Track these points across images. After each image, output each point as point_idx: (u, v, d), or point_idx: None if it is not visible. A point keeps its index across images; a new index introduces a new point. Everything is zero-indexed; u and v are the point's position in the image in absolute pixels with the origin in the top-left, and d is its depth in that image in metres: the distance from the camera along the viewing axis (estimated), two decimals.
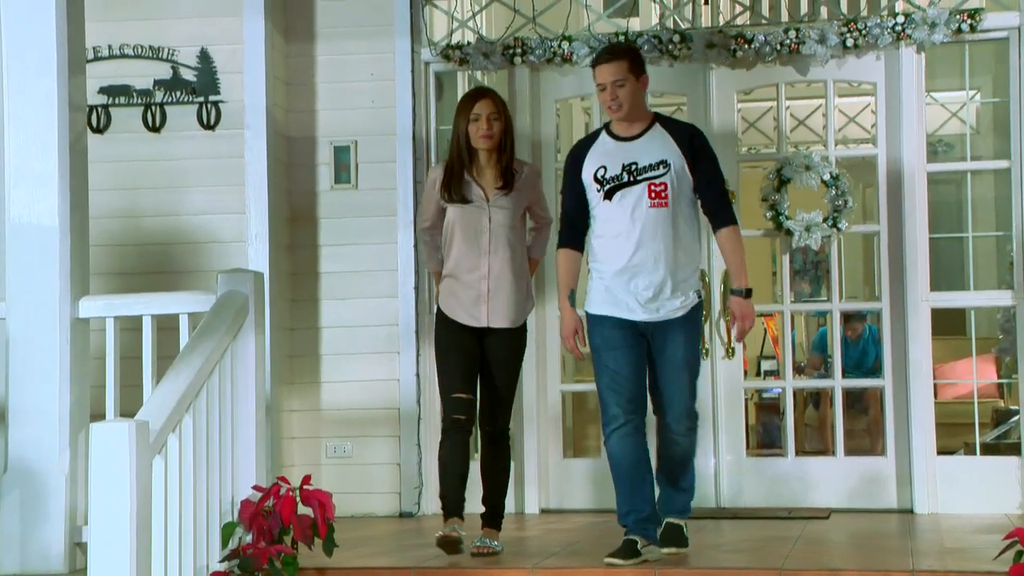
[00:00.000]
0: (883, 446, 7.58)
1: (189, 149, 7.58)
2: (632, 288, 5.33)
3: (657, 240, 5.30)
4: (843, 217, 7.55)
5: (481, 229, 5.78)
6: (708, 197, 5.40)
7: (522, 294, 5.85)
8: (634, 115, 5.36)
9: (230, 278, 5.59)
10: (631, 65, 5.34)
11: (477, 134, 5.74)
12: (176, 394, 4.96)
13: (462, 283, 5.81)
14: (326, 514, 5.30)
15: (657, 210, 5.31)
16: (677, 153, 5.34)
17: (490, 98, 5.78)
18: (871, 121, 9.38)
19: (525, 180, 5.85)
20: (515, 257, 5.82)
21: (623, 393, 5.34)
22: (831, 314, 7.92)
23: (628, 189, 5.32)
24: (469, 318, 5.80)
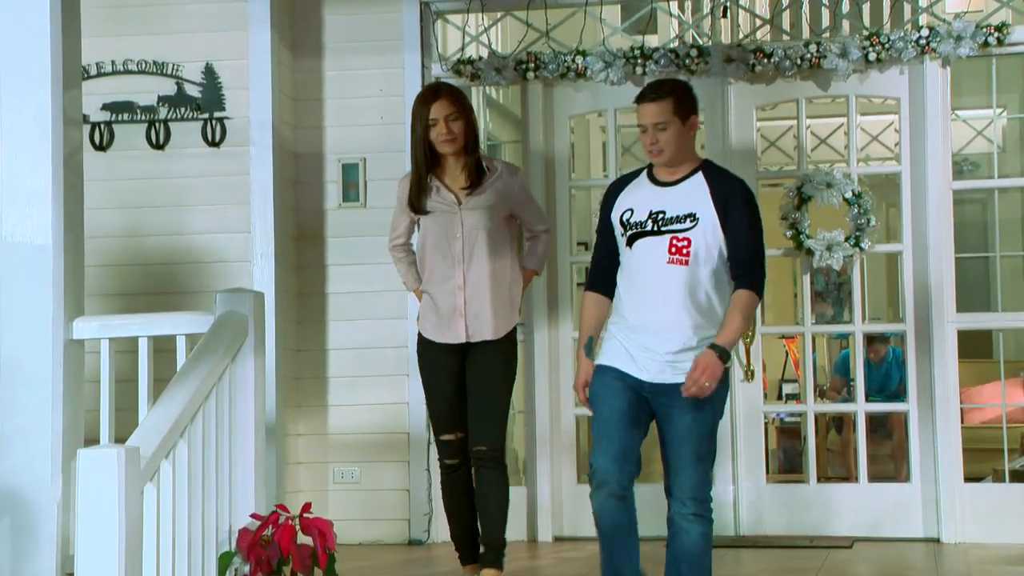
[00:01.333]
0: (908, 472, 7.39)
1: (194, 167, 7.44)
2: (640, 348, 4.69)
3: (669, 302, 4.63)
4: (866, 236, 7.35)
5: (453, 235, 5.36)
6: (735, 258, 4.65)
7: (505, 305, 5.39)
8: (678, 160, 4.72)
9: (229, 298, 5.40)
10: (676, 106, 4.68)
11: (439, 139, 5.38)
12: (170, 419, 4.77)
13: (437, 297, 5.41)
14: (327, 544, 5.10)
15: (675, 268, 4.63)
16: (709, 207, 4.64)
17: (445, 98, 5.36)
18: (894, 140, 9.19)
19: (501, 179, 5.40)
20: (496, 264, 5.36)
21: (608, 447, 4.62)
22: (854, 336, 7.71)
23: (650, 239, 4.68)
24: (447, 335, 5.39)
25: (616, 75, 7.47)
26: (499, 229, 5.35)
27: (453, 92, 5.37)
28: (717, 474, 7.35)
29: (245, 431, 5.32)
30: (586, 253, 7.77)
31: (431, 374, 5.42)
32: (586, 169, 9.82)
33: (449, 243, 5.33)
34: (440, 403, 5.39)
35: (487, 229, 5.32)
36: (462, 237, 5.31)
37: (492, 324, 5.35)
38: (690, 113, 4.73)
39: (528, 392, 7.57)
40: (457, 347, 5.37)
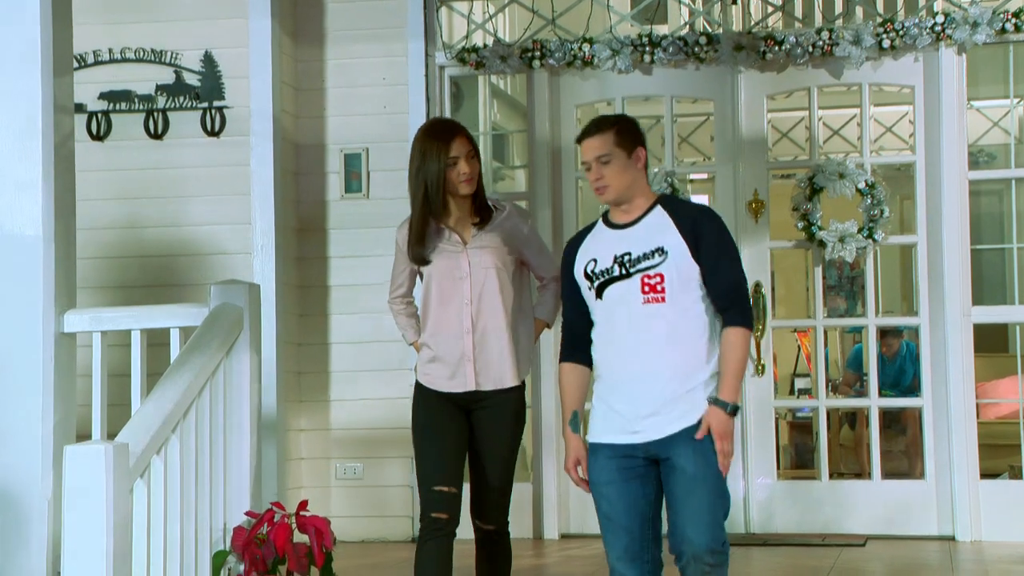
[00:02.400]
0: (922, 469, 7.27)
1: (193, 157, 7.31)
2: (627, 403, 4.20)
3: (651, 346, 4.19)
4: (879, 227, 7.21)
5: (460, 275, 4.76)
6: (716, 290, 4.21)
7: (518, 351, 4.78)
8: (628, 197, 4.29)
9: (224, 290, 5.27)
10: (618, 137, 4.27)
11: (459, 179, 4.72)
12: (161, 414, 4.64)
13: (442, 343, 4.78)
14: (323, 542, 4.96)
15: (653, 307, 4.20)
16: (676, 237, 4.22)
17: (463, 134, 4.78)
18: (908, 131, 9.04)
19: (510, 220, 4.84)
20: (506, 306, 4.76)
21: (616, 546, 4.20)
22: (867, 329, 7.57)
23: (620, 284, 4.24)
24: (452, 383, 4.75)
25: (624, 63, 7.32)
26: (510, 271, 4.82)
27: (466, 130, 4.85)
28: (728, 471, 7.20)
29: (240, 427, 5.19)
30: None
31: (430, 418, 4.79)
32: None
33: (455, 284, 4.77)
34: (433, 455, 4.74)
35: (496, 269, 4.77)
36: (470, 277, 4.76)
37: (502, 373, 4.75)
38: (635, 145, 4.29)
39: (535, 388, 7.44)
40: (462, 398, 4.76)
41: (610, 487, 4.19)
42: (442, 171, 4.70)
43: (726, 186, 7.43)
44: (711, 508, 4.09)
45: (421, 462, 4.78)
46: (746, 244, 7.33)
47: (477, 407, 4.76)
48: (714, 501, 4.10)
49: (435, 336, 4.81)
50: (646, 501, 4.18)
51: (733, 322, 4.18)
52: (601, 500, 4.22)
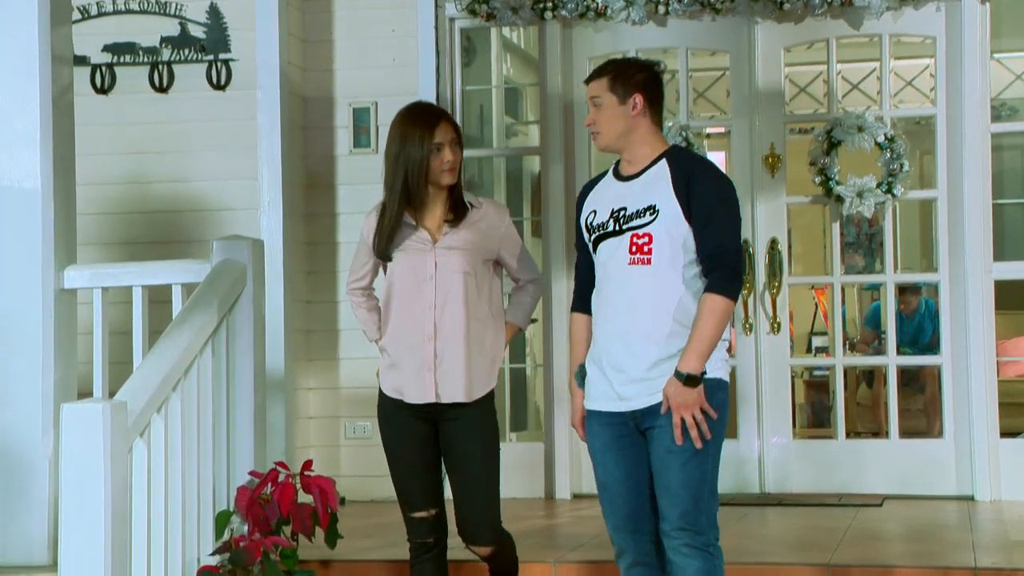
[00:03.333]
0: (941, 428, 7.15)
1: (198, 111, 7.19)
2: (614, 369, 4.02)
3: (635, 310, 3.96)
4: (898, 182, 7.07)
5: (425, 277, 4.42)
6: (702, 252, 3.95)
7: (483, 362, 4.46)
8: (623, 146, 4.06)
9: (226, 245, 5.17)
10: (612, 82, 4.03)
11: (441, 167, 4.41)
12: (161, 372, 4.55)
13: (402, 349, 4.47)
14: (328, 502, 4.88)
15: (637, 268, 3.97)
16: (670, 195, 3.97)
17: (448, 120, 4.48)
18: (929, 85, 8.86)
19: (486, 218, 4.50)
20: (474, 314, 4.43)
21: (613, 516, 4.05)
22: (885, 286, 7.43)
23: (612, 240, 4.04)
24: (413, 393, 4.44)
25: (637, 14, 7.16)
26: (480, 274, 4.47)
27: (450, 115, 4.58)
28: (742, 430, 7.12)
29: (243, 385, 5.10)
30: None
31: (396, 444, 4.54)
32: None
33: (419, 286, 4.43)
34: (408, 480, 4.52)
35: (465, 272, 4.43)
36: (435, 280, 4.42)
37: (465, 384, 4.42)
38: (631, 92, 4.01)
39: (547, 345, 7.34)
40: (425, 411, 4.47)
41: (606, 454, 4.03)
42: (425, 158, 4.38)
43: (742, 140, 7.29)
44: (684, 484, 3.88)
45: (396, 485, 4.57)
46: (762, 199, 7.21)
47: (443, 420, 4.47)
48: (688, 477, 3.88)
49: (395, 342, 4.50)
50: (643, 470, 3.99)
51: (711, 287, 3.91)
52: (598, 467, 4.06)
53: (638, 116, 4.04)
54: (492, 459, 4.49)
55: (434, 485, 4.53)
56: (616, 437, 4.01)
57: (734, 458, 7.03)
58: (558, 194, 7.32)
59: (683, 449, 3.88)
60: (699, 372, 3.87)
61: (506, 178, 8.48)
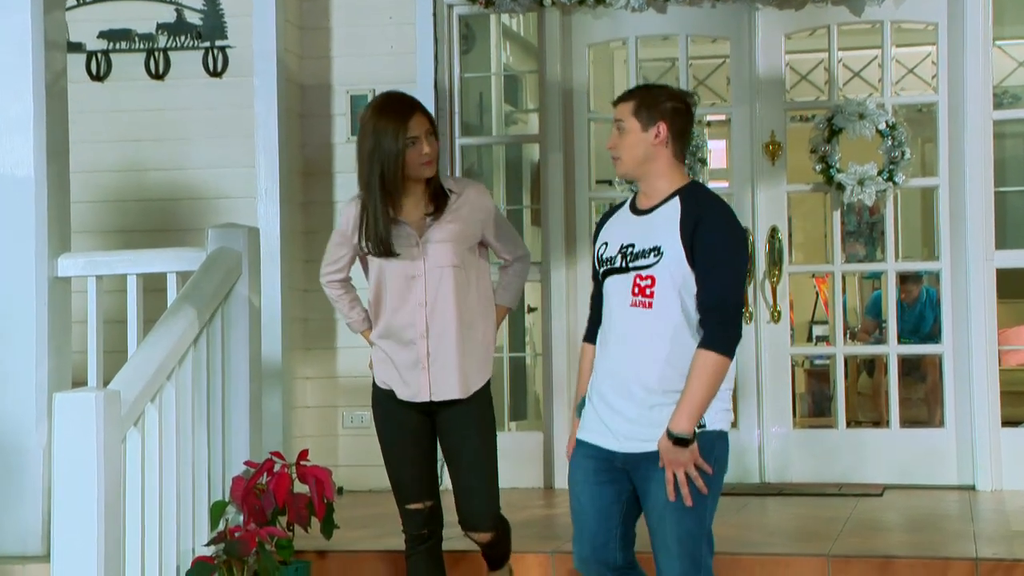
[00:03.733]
0: (942, 417, 7.11)
1: (195, 98, 7.15)
2: (607, 407, 3.87)
3: (632, 351, 3.82)
4: (900, 170, 7.02)
5: (415, 274, 4.34)
6: (700, 303, 3.78)
7: (477, 356, 4.40)
8: (641, 176, 3.90)
9: (221, 234, 5.13)
10: (637, 107, 3.88)
11: (418, 160, 4.27)
12: (155, 361, 4.51)
13: (396, 348, 4.40)
14: (324, 493, 4.84)
15: (638, 311, 3.82)
16: (675, 237, 3.80)
17: (422, 111, 4.34)
18: (931, 72, 8.81)
19: (468, 203, 4.40)
20: (465, 307, 4.37)
21: (584, 546, 3.90)
22: (886, 275, 7.39)
23: (618, 278, 3.90)
24: (407, 391, 4.40)
25: (637, 1, 7.10)
26: (468, 263, 4.40)
27: (423, 105, 4.40)
28: (742, 419, 7.08)
29: (239, 374, 5.07)
30: (608, 191, 7.47)
31: (390, 434, 4.49)
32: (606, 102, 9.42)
33: (409, 284, 4.34)
34: (400, 470, 4.47)
35: (453, 266, 4.35)
36: (424, 276, 4.33)
37: (460, 381, 4.36)
38: (656, 119, 3.86)
39: (545, 333, 7.30)
40: (420, 403, 4.42)
41: (582, 487, 3.88)
42: (401, 153, 4.23)
43: (742, 128, 7.24)
44: (681, 540, 3.75)
45: (391, 477, 4.51)
46: (762, 187, 7.16)
47: (439, 412, 4.41)
48: (685, 533, 3.75)
49: (387, 340, 4.44)
50: (618, 507, 3.86)
51: (706, 343, 3.73)
52: (573, 498, 3.93)
53: (659, 146, 3.87)
54: (490, 446, 4.43)
55: (428, 477, 4.48)
56: (598, 471, 3.86)
57: (734, 448, 6.79)
58: (557, 182, 7.27)
59: (679, 504, 3.74)
60: (689, 433, 3.71)
61: (505, 166, 8.44)
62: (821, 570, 4.77)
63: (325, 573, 5.09)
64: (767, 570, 4.83)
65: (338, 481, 7.16)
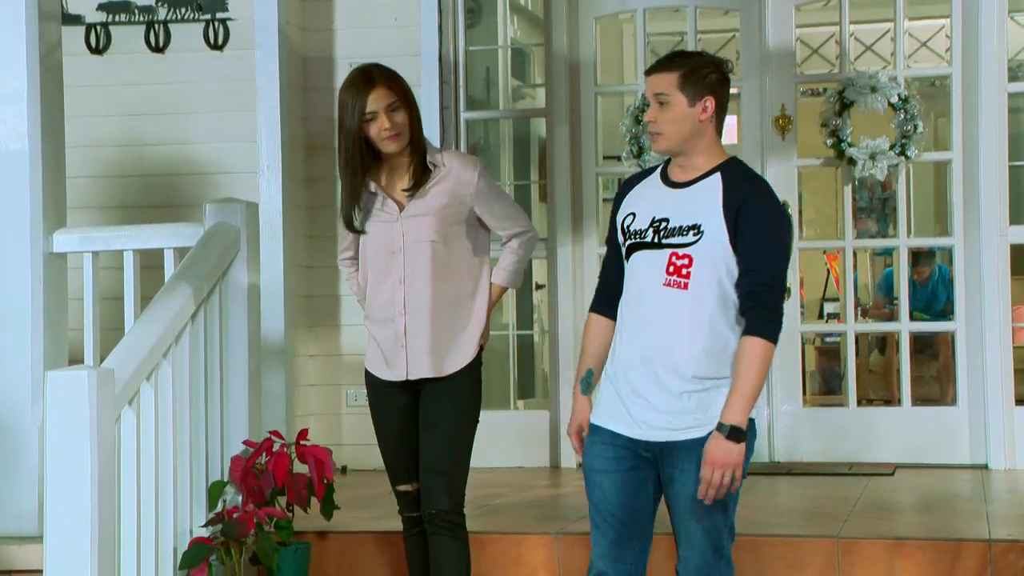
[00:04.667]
0: (954, 395, 7.01)
1: (195, 71, 7.03)
2: (633, 393, 3.67)
3: (665, 334, 3.61)
4: (912, 144, 6.90)
5: (393, 249, 4.27)
6: (743, 287, 3.58)
7: (454, 335, 4.29)
8: (684, 151, 3.67)
9: (219, 209, 5.04)
10: (683, 79, 3.61)
11: (380, 136, 4.20)
12: (150, 338, 4.42)
13: (377, 326, 4.34)
14: (324, 473, 4.75)
15: (673, 292, 3.61)
16: (718, 217, 3.60)
17: (381, 84, 4.21)
18: (945, 46, 8.68)
19: (452, 176, 4.27)
20: (444, 284, 4.26)
21: (606, 533, 3.70)
22: (898, 251, 7.28)
23: (648, 253, 3.67)
24: (388, 371, 4.33)
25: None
26: (452, 239, 4.28)
27: (391, 76, 4.25)
28: None
29: (238, 352, 4.98)
30: (616, 165, 7.36)
31: (379, 416, 4.44)
32: (614, 76, 9.31)
33: (388, 259, 4.28)
34: (391, 451, 4.41)
35: (431, 241, 4.24)
36: (403, 251, 4.26)
37: (434, 359, 4.27)
38: (703, 93, 3.61)
39: (552, 310, 7.21)
40: (405, 385, 4.34)
41: (605, 476, 3.66)
42: (357, 128, 4.19)
43: (752, 101, 7.12)
44: (707, 533, 3.60)
45: (383, 458, 4.47)
46: (772, 162, 7.05)
47: (422, 390, 4.33)
48: (711, 525, 3.60)
49: (370, 318, 4.38)
50: (644, 497, 3.68)
51: (752, 330, 3.54)
52: (594, 488, 3.70)
53: (707, 122, 3.63)
54: (464, 426, 4.31)
55: (417, 458, 4.37)
56: (619, 459, 3.66)
57: None
58: (563, 157, 7.16)
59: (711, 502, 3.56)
60: (745, 424, 3.52)
61: (513, 141, 8.34)
62: (831, 551, 4.68)
63: (325, 554, 5.01)
64: (776, 551, 4.74)
65: (342, 460, 7.12)
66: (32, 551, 4.64)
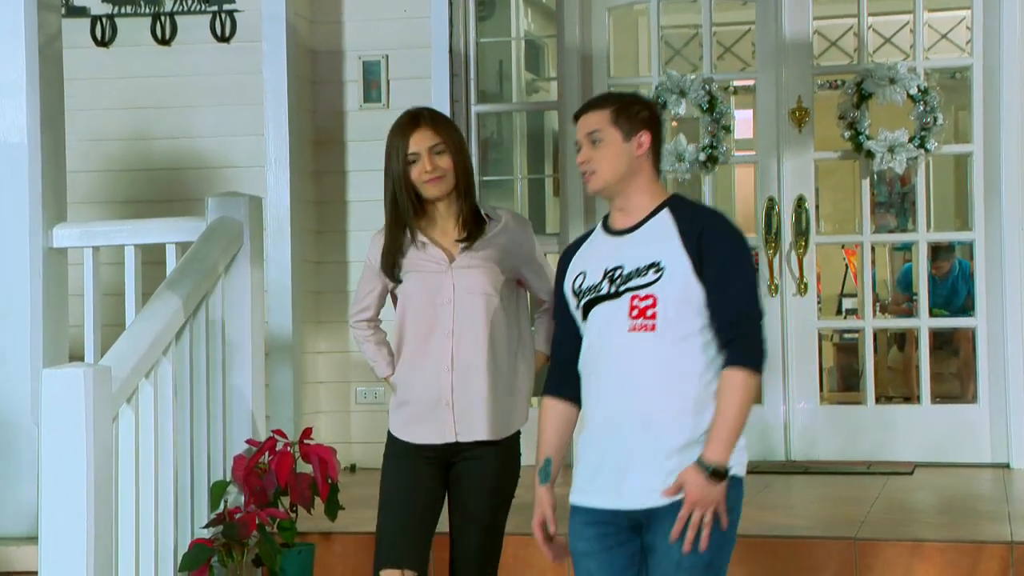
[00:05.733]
0: (975, 392, 6.90)
1: (202, 64, 6.95)
2: (607, 455, 3.37)
3: (639, 384, 3.33)
4: (932, 136, 6.77)
5: (442, 301, 3.95)
6: (719, 319, 3.33)
7: (509, 395, 3.98)
8: (621, 192, 3.45)
9: (222, 202, 4.95)
10: (615, 115, 3.45)
11: (422, 178, 3.94)
12: (150, 335, 4.33)
13: (416, 382, 3.98)
14: (328, 472, 4.65)
15: (639, 335, 3.33)
16: (678, 250, 3.36)
17: (427, 126, 3.98)
18: (965, 38, 8.55)
19: (507, 232, 4.02)
20: (498, 340, 3.96)
21: None
22: (917, 245, 7.15)
23: (607, 305, 3.41)
24: (426, 432, 3.97)
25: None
26: (504, 295, 4.00)
27: (437, 119, 4.04)
28: (767, 395, 6.87)
29: (241, 349, 4.88)
30: None
31: (395, 481, 4.04)
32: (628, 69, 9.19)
33: (436, 311, 3.95)
34: (395, 524, 3.99)
35: (487, 294, 3.96)
36: (453, 303, 3.94)
37: (489, 420, 3.93)
38: (637, 128, 3.44)
39: None
40: (438, 453, 3.97)
41: (591, 559, 3.39)
42: (403, 172, 3.95)
43: (768, 93, 7.00)
44: None
45: (378, 530, 4.03)
46: (788, 155, 6.93)
47: (456, 464, 3.98)
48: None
49: (409, 374, 4.02)
50: (633, 571, 3.39)
51: (734, 360, 3.28)
52: (580, 573, 3.43)
53: (642, 158, 3.44)
54: (503, 508, 4.01)
55: (419, 543, 3.98)
56: (602, 536, 3.39)
57: (758, 424, 6.80)
58: (572, 155, 7.04)
59: (694, 563, 3.27)
60: (726, 463, 3.24)
61: (528, 136, 8.24)
62: (848, 554, 4.57)
63: (330, 556, 4.91)
64: (791, 553, 4.63)
65: (351, 458, 7.03)
66: (31, 552, 4.53)
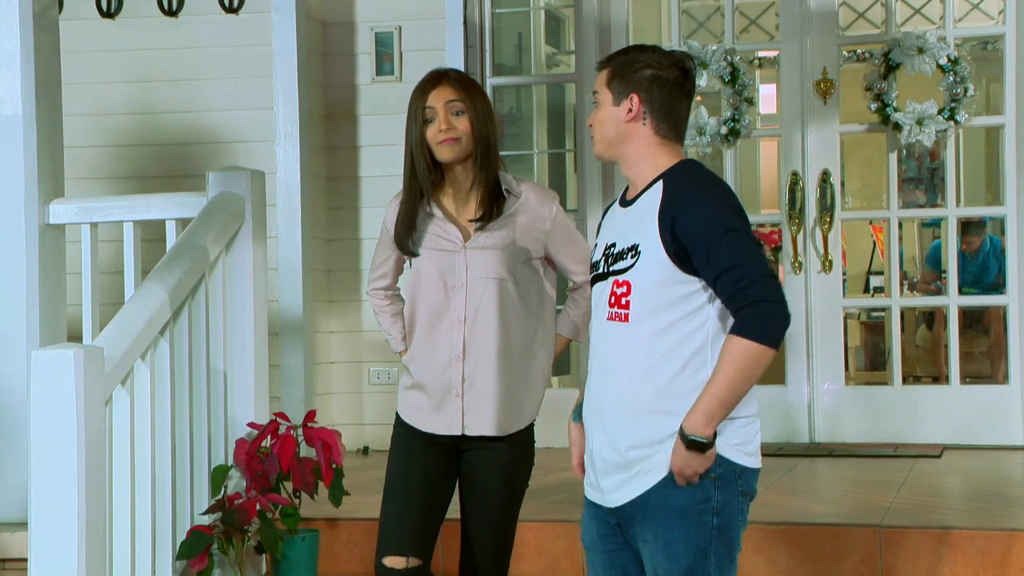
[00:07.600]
0: (1006, 372, 6.76)
1: (210, 35, 6.79)
2: (592, 445, 3.12)
3: (609, 376, 3.08)
4: (962, 108, 6.57)
5: (455, 284, 3.69)
6: (722, 292, 2.98)
7: (524, 389, 3.73)
8: (618, 158, 3.17)
9: (223, 177, 4.78)
10: (610, 76, 3.13)
11: (436, 138, 3.64)
12: (145, 315, 4.17)
13: (426, 368, 3.74)
14: (332, 457, 4.49)
15: (613, 325, 3.07)
16: (654, 235, 3.03)
17: (447, 83, 3.67)
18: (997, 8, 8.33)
19: (527, 210, 3.72)
20: (513, 328, 3.71)
21: None
22: (947, 221, 6.95)
23: (600, 285, 3.15)
24: (435, 421, 3.72)
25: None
26: (523, 279, 3.73)
27: (463, 79, 3.72)
28: (791, 375, 6.70)
29: (243, 329, 4.72)
30: None
31: (400, 464, 3.78)
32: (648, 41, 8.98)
33: (448, 293, 3.70)
34: (399, 510, 3.73)
35: (501, 278, 3.70)
36: (466, 288, 3.69)
37: (498, 416, 3.68)
38: (627, 92, 3.10)
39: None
40: (448, 442, 3.74)
41: (596, 555, 3.16)
42: (420, 132, 3.66)
43: (792, 65, 6.80)
44: None
45: (382, 516, 3.75)
46: (813, 128, 6.74)
47: (466, 453, 3.74)
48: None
49: (417, 359, 3.78)
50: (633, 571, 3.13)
51: (736, 328, 2.95)
52: (589, 566, 3.21)
53: (633, 122, 3.11)
54: (515, 502, 3.78)
55: (426, 531, 3.72)
56: (604, 536, 3.15)
57: (782, 405, 6.65)
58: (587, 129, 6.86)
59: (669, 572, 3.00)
60: (705, 437, 2.93)
61: (548, 109, 8.05)
62: (872, 542, 4.39)
63: (336, 543, 4.75)
64: (813, 541, 4.45)
65: (364, 440, 6.88)
66: (25, 539, 4.39)
